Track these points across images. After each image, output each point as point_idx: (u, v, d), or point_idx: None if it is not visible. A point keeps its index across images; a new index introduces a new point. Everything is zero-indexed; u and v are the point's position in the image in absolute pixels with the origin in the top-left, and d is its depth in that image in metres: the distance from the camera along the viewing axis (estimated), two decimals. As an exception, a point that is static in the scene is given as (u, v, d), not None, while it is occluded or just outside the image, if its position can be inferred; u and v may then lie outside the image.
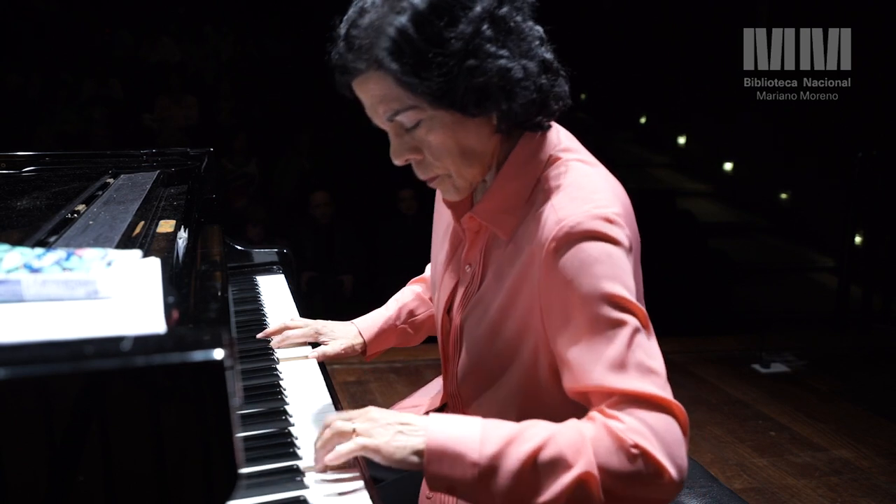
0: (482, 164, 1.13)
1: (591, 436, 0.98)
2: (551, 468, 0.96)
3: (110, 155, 2.16)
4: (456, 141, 1.08)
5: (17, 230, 1.23)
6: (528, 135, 1.14)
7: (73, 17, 7.93)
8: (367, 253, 5.45)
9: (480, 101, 1.04)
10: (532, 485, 0.97)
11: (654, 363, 1.01)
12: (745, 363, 4.10)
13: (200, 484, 0.73)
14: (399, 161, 1.13)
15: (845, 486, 2.84)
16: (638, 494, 0.97)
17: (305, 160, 6.42)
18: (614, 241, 1.04)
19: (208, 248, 1.37)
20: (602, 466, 0.96)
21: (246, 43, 8.27)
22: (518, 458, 0.97)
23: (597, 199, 1.07)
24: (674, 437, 0.97)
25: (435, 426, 1.01)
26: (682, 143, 8.67)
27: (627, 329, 1.01)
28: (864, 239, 5.34)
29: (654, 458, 0.95)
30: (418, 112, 1.06)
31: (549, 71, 1.10)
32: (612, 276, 1.02)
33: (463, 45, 1.01)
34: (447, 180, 1.14)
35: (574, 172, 1.12)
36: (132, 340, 0.70)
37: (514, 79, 1.04)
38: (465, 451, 0.98)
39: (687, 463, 0.99)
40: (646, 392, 0.98)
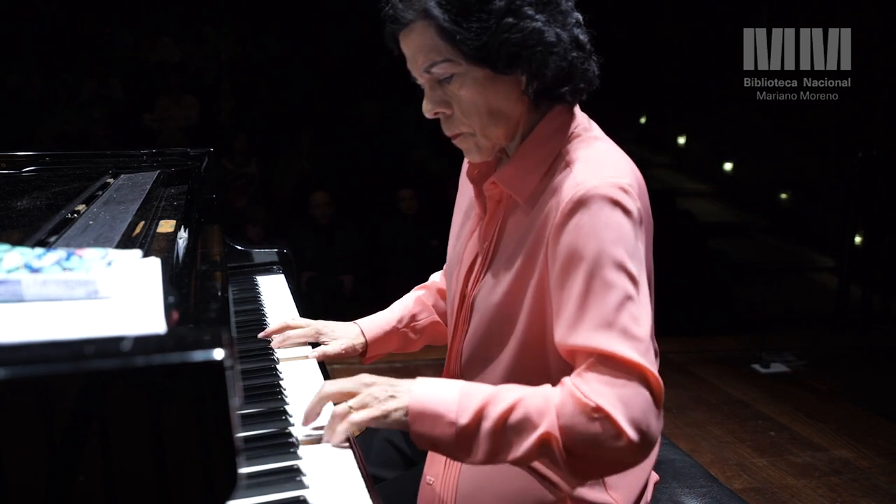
0: (507, 126, 1.17)
1: (557, 399, 1.04)
2: (519, 428, 1.04)
3: (110, 155, 2.16)
4: (485, 98, 1.14)
5: (18, 230, 1.23)
6: (553, 111, 1.19)
7: (73, 17, 7.93)
8: (367, 253, 5.45)
9: (512, 59, 1.10)
10: (502, 443, 1.05)
11: (639, 330, 1.05)
12: (745, 363, 4.10)
13: (200, 484, 0.73)
14: (429, 114, 1.18)
15: (845, 486, 2.84)
16: (597, 455, 1.02)
17: (305, 160, 6.42)
18: (626, 209, 1.08)
19: (208, 248, 1.37)
20: (563, 427, 1.02)
21: (246, 43, 8.26)
22: (490, 418, 1.05)
23: (614, 171, 1.12)
24: (640, 402, 1.02)
25: (418, 389, 1.09)
26: (682, 143, 8.67)
27: (620, 292, 1.05)
28: (864, 239, 5.34)
29: (615, 420, 1.00)
30: (454, 65, 1.12)
31: (581, 49, 1.16)
32: (618, 241, 1.06)
33: (505, 4, 1.08)
34: (470, 139, 1.19)
35: (594, 148, 1.18)
36: (132, 340, 0.70)
37: (547, 41, 1.10)
38: (443, 412, 1.06)
39: (654, 430, 1.03)
40: (623, 356, 1.02)
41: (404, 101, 7.19)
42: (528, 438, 1.04)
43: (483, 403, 1.06)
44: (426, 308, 1.60)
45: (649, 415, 1.02)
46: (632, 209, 1.09)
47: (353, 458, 1.15)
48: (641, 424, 1.01)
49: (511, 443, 1.05)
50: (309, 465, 1.11)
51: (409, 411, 1.07)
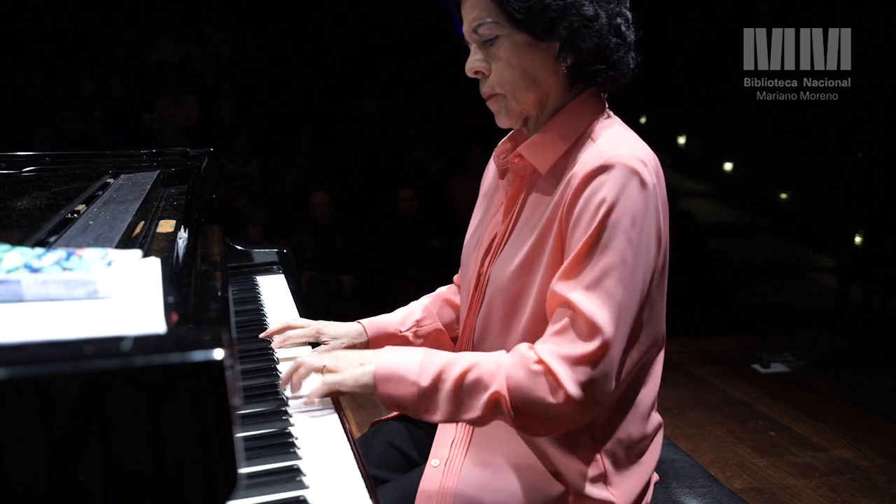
0: (537, 94, 1.24)
1: (508, 361, 1.14)
2: (473, 389, 1.14)
3: (110, 155, 2.16)
4: (521, 62, 1.21)
5: (17, 230, 1.23)
6: (585, 94, 1.26)
7: (73, 17, 7.93)
8: (367, 253, 5.45)
9: (550, 26, 1.17)
10: (459, 403, 1.15)
11: (620, 296, 1.11)
12: (745, 363, 4.10)
13: (200, 484, 0.73)
14: (470, 72, 1.27)
15: (845, 486, 2.84)
16: (540, 410, 1.11)
17: (305, 160, 6.42)
18: (644, 181, 1.14)
19: (208, 248, 1.37)
20: (511, 386, 1.12)
21: (246, 43, 8.26)
22: (448, 380, 1.15)
23: (637, 148, 1.20)
24: (589, 362, 1.09)
25: (384, 355, 1.20)
26: (682, 143, 8.67)
27: (616, 256, 1.11)
28: (864, 239, 5.34)
29: (555, 374, 1.09)
30: (499, 27, 1.20)
31: (619, 37, 1.22)
32: (629, 209, 1.12)
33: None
34: (502, 101, 1.26)
35: (618, 130, 1.25)
36: (132, 340, 0.70)
37: (585, 14, 1.17)
38: (406, 374, 1.17)
39: (598, 392, 1.10)
40: (591, 316, 1.10)
41: (404, 101, 7.19)
42: (481, 398, 1.13)
43: (442, 367, 1.16)
44: (431, 315, 1.61)
45: (596, 377, 1.09)
46: (648, 182, 1.15)
47: (353, 458, 1.15)
48: (583, 383, 1.08)
49: (466, 403, 1.14)
50: (309, 465, 1.11)
51: (375, 374, 1.19)
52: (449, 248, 4.84)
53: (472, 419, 1.16)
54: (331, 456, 1.16)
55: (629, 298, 1.13)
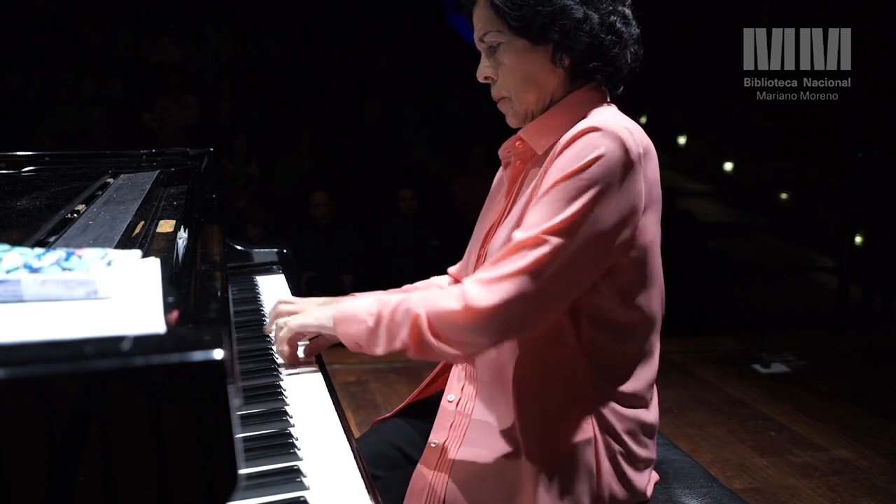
0: (539, 94, 1.31)
1: (436, 290, 1.24)
2: (403, 318, 1.22)
3: (110, 155, 2.16)
4: (521, 66, 1.29)
5: (17, 230, 1.23)
6: (585, 88, 1.32)
7: (73, 17, 7.93)
8: (367, 253, 5.45)
9: (543, 31, 1.24)
10: (392, 333, 1.24)
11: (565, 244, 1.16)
12: (745, 363, 4.10)
13: (200, 484, 0.73)
14: (480, 77, 1.35)
15: (845, 486, 2.84)
16: (447, 321, 1.18)
17: (305, 160, 6.42)
18: (627, 147, 1.19)
19: (208, 248, 1.37)
20: (429, 305, 1.20)
21: (246, 43, 8.26)
22: (386, 314, 1.24)
23: (628, 122, 1.25)
24: (501, 280, 1.15)
25: (344, 301, 1.35)
26: (682, 143, 8.67)
27: (577, 207, 1.16)
28: (864, 239, 5.34)
29: (463, 286, 1.17)
30: (500, 35, 1.28)
31: (614, 34, 1.27)
32: (606, 168, 1.17)
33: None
34: (508, 103, 1.34)
35: (609, 111, 1.32)
36: (132, 340, 0.70)
37: (574, 18, 1.24)
38: (358, 313, 1.29)
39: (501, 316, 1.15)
40: (523, 249, 1.16)
41: (404, 102, 7.19)
42: (407, 323, 1.21)
43: (384, 303, 1.26)
44: None
45: (507, 302, 1.14)
46: (632, 149, 1.19)
47: (353, 458, 1.15)
48: (483, 295, 1.15)
49: (397, 332, 1.23)
50: (309, 466, 1.11)
51: (333, 317, 1.32)
52: (449, 248, 4.83)
53: (403, 347, 1.23)
54: (331, 456, 1.16)
55: (577, 252, 1.16)
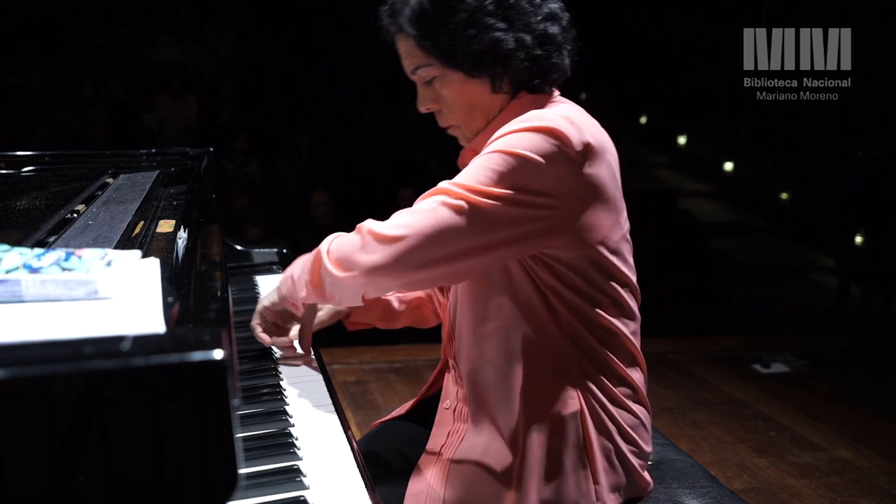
0: (486, 117, 1.30)
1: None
2: (311, 258, 1.28)
3: (110, 155, 2.15)
4: (463, 96, 1.27)
5: (17, 230, 1.23)
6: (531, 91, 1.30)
7: (73, 17, 7.93)
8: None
9: (477, 65, 1.23)
10: (301, 274, 1.30)
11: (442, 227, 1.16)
12: (745, 363, 4.10)
13: (200, 484, 0.73)
14: (422, 109, 1.33)
15: (845, 487, 2.84)
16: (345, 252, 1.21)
17: (305, 160, 6.42)
18: (563, 135, 1.16)
19: (208, 248, 1.37)
20: (332, 241, 1.25)
21: (246, 43, 8.26)
22: (304, 264, 1.31)
23: (570, 114, 1.22)
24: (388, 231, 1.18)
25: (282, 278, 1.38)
26: (682, 143, 8.68)
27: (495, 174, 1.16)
28: (864, 239, 5.34)
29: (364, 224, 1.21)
30: (433, 69, 1.26)
31: (550, 44, 1.25)
32: (531, 150, 1.15)
33: (467, 17, 1.20)
34: (458, 129, 1.34)
35: (558, 106, 1.28)
36: (132, 340, 0.70)
37: (504, 50, 1.21)
38: (289, 273, 1.34)
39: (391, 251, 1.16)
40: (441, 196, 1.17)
41: (404, 102, 7.19)
42: (312, 256, 1.27)
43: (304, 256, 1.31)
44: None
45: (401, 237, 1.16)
46: (572, 137, 1.17)
47: (353, 458, 1.15)
48: (383, 229, 1.18)
49: (306, 270, 1.28)
50: (309, 465, 1.11)
51: (279, 285, 1.38)
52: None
53: (312, 281, 1.27)
54: (331, 456, 1.16)
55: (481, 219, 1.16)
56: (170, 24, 8.15)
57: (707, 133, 8.14)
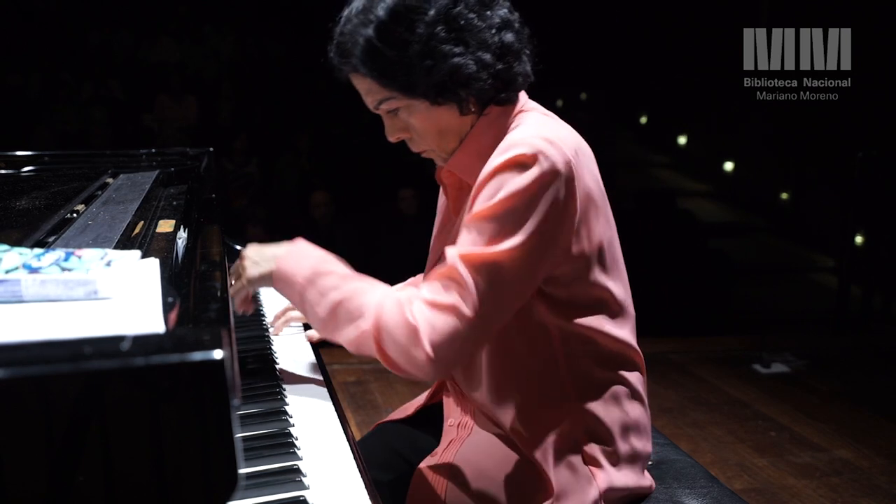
0: (458, 138, 1.28)
1: (387, 307, 1.18)
2: (347, 318, 1.20)
3: (110, 155, 2.15)
4: (432, 122, 1.25)
5: (17, 230, 1.23)
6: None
7: (73, 17, 7.92)
8: (367, 253, 5.45)
9: (440, 93, 1.20)
10: (332, 325, 1.22)
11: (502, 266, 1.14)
12: (745, 363, 4.10)
13: (200, 484, 0.72)
14: (392, 139, 1.31)
15: (845, 487, 2.84)
16: (400, 356, 1.16)
17: (305, 160, 6.42)
18: (550, 160, 1.15)
19: (208, 248, 1.37)
20: (382, 327, 1.17)
21: (246, 43, 8.26)
22: (329, 300, 1.22)
23: (546, 130, 1.21)
24: (448, 331, 1.14)
25: (282, 259, 1.29)
26: (682, 143, 8.68)
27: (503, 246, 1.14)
28: (864, 239, 5.34)
29: (420, 339, 1.13)
30: (396, 101, 1.23)
31: (509, 54, 1.23)
32: (529, 186, 1.14)
33: (421, 48, 1.17)
34: (433, 153, 1.31)
35: (531, 118, 1.27)
36: (132, 340, 0.70)
37: (466, 74, 1.19)
38: (295, 280, 1.26)
39: (448, 356, 1.14)
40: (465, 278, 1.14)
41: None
42: (351, 328, 1.20)
43: (327, 286, 1.23)
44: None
45: (452, 342, 1.14)
46: (555, 160, 1.15)
47: (353, 458, 1.15)
48: (440, 348, 1.13)
49: (338, 328, 1.22)
50: (309, 465, 1.11)
51: (273, 274, 1.29)
52: (449, 248, 4.82)
53: (340, 341, 1.23)
54: (331, 456, 1.16)
55: (511, 270, 1.15)
56: (170, 24, 8.15)
57: (707, 133, 8.14)
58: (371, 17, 1.18)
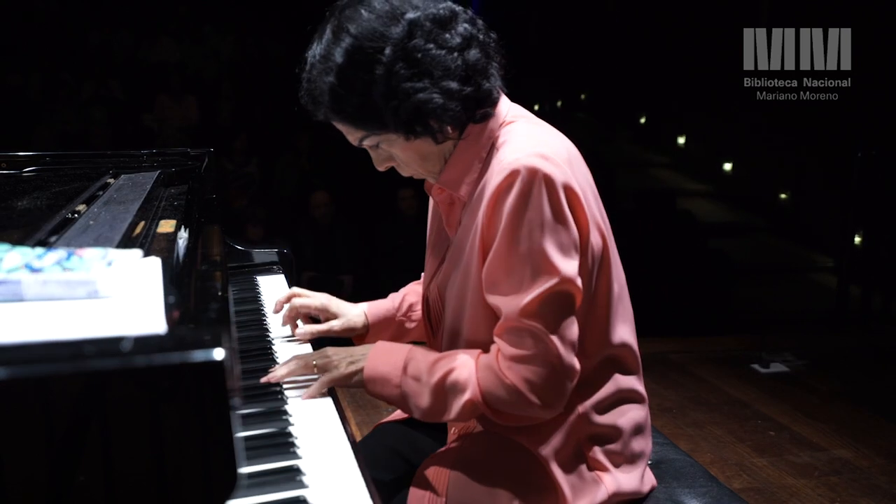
0: (443, 159, 1.29)
1: (482, 372, 1.22)
2: (451, 395, 1.23)
3: (110, 155, 2.16)
4: (413, 150, 1.25)
5: (18, 230, 1.23)
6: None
7: (73, 17, 7.92)
8: (366, 253, 5.45)
9: (411, 129, 1.20)
10: (438, 406, 1.25)
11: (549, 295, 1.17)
12: (744, 363, 4.10)
13: (200, 484, 0.73)
14: (381, 168, 1.33)
15: (845, 486, 2.84)
16: (515, 412, 1.22)
17: (305, 160, 6.41)
18: (549, 176, 1.16)
19: (208, 248, 1.37)
20: (485, 393, 1.21)
21: (246, 43, 8.26)
22: (428, 385, 1.24)
23: (536, 144, 1.21)
24: (543, 376, 1.18)
25: (371, 359, 1.29)
26: (682, 143, 8.67)
27: (547, 283, 1.16)
28: (864, 239, 5.34)
29: (524, 393, 1.19)
30: (375, 137, 1.24)
31: (476, 74, 1.21)
32: (540, 209, 1.16)
33: (383, 89, 1.17)
34: (422, 174, 1.32)
35: (519, 130, 1.26)
36: (132, 340, 0.70)
37: (432, 108, 1.18)
38: (390, 377, 1.27)
39: (558, 396, 1.21)
40: (531, 323, 1.17)
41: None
42: (458, 403, 1.22)
43: (424, 371, 1.25)
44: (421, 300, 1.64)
45: (553, 385, 1.19)
46: (555, 175, 1.16)
47: (353, 458, 1.15)
48: (546, 395, 1.19)
49: (445, 407, 1.24)
50: (309, 465, 1.11)
51: (364, 377, 1.29)
52: (449, 248, 4.82)
53: (451, 418, 1.26)
54: (331, 456, 1.16)
55: (563, 292, 1.18)
56: (170, 24, 8.15)
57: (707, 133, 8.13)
58: (330, 65, 1.18)
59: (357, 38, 1.16)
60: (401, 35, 1.16)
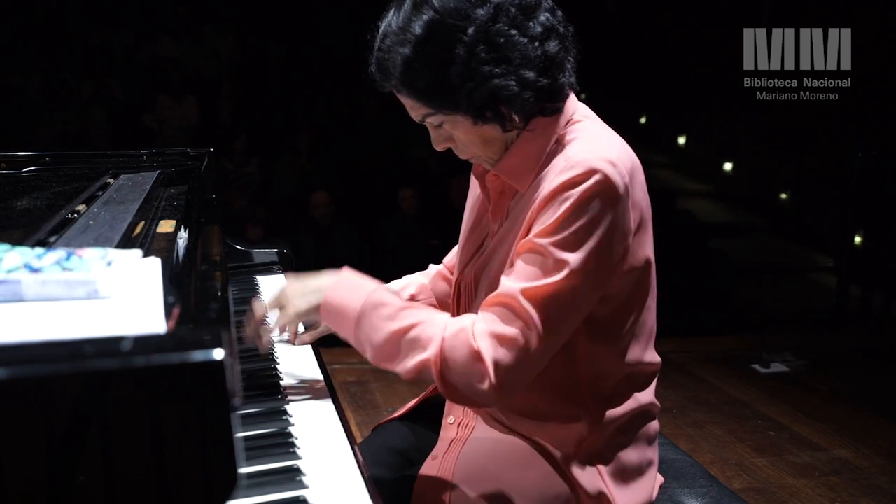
0: (504, 146, 1.25)
1: (450, 332, 1.16)
2: (407, 348, 1.17)
3: (110, 155, 2.16)
4: (476, 134, 1.22)
5: (18, 230, 1.23)
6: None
7: (73, 17, 7.93)
8: (367, 253, 5.45)
9: (482, 113, 1.17)
10: (391, 353, 1.19)
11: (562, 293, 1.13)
12: (744, 363, 4.10)
13: (200, 484, 0.73)
14: (438, 148, 1.28)
15: (845, 486, 2.84)
16: (462, 385, 1.15)
17: (305, 160, 6.42)
18: (612, 183, 1.13)
19: (208, 248, 1.37)
20: (444, 357, 1.15)
21: (246, 43, 8.26)
22: (385, 331, 1.18)
23: (605, 147, 1.18)
24: (514, 357, 1.13)
25: (331, 291, 1.25)
26: (682, 143, 8.68)
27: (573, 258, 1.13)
28: (864, 239, 5.34)
29: (486, 364, 1.13)
30: (439, 116, 1.20)
31: (553, 66, 1.18)
32: (594, 211, 1.13)
33: (461, 69, 1.13)
34: (479, 159, 1.28)
35: (588, 131, 1.23)
36: (132, 340, 0.70)
37: (507, 95, 1.15)
38: (346, 314, 1.22)
39: (516, 383, 1.15)
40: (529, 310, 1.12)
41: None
42: (412, 359, 1.17)
43: (383, 317, 1.19)
44: (425, 290, 1.65)
45: (516, 377, 1.14)
46: (618, 182, 1.14)
47: (353, 458, 1.15)
48: (505, 380, 1.13)
49: (398, 355, 1.18)
50: (309, 465, 1.11)
51: (321, 307, 1.25)
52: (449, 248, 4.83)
53: (397, 371, 1.20)
54: (331, 456, 1.16)
55: (573, 299, 1.14)
56: (170, 24, 8.15)
57: (707, 133, 8.14)
58: (409, 36, 1.14)
59: (440, 12, 1.13)
60: (485, 17, 1.13)
